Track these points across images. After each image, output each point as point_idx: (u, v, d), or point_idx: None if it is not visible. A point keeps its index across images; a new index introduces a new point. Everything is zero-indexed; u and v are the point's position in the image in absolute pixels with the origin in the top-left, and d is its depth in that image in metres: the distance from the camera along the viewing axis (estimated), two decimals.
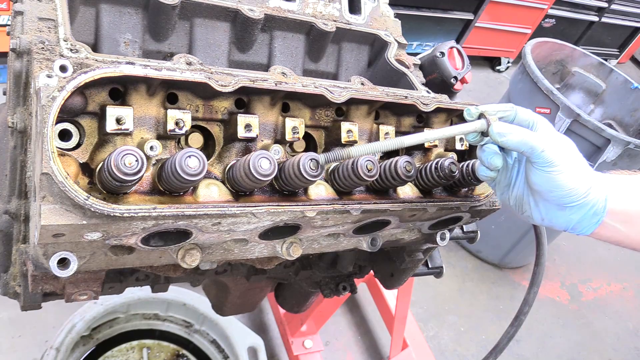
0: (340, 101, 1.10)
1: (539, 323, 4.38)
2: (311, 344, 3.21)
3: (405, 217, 1.21)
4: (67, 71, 0.87)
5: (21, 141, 1.09)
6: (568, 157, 1.03)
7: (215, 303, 2.28)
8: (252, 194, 1.03)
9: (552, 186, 1.03)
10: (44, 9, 1.08)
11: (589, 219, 1.06)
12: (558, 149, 1.02)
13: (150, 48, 1.36)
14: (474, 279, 4.52)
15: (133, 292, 2.77)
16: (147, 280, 1.55)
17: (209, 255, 1.12)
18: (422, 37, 6.25)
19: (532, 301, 1.42)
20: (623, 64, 9.63)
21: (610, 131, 3.38)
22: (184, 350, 2.98)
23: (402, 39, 1.63)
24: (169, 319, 2.97)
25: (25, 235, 1.15)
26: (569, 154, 1.04)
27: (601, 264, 5.27)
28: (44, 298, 1.34)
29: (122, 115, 0.89)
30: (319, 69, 1.59)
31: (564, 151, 1.03)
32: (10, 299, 1.30)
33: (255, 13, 1.38)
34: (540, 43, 4.20)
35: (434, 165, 1.20)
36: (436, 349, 3.82)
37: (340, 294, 1.85)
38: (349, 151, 1.01)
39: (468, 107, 1.07)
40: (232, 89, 0.97)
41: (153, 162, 0.95)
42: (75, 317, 2.59)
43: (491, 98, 6.66)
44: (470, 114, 1.07)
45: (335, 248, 1.30)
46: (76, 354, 2.65)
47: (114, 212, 0.82)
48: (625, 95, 4.41)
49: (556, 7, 7.31)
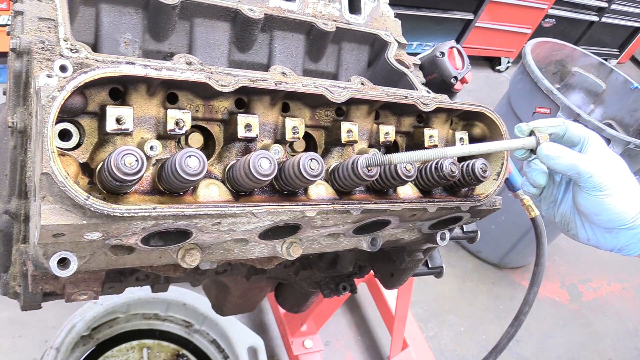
0: (340, 101, 1.09)
1: (539, 323, 4.38)
2: (311, 344, 3.21)
3: (405, 217, 1.21)
4: (67, 71, 0.87)
5: (21, 141, 1.09)
6: (617, 180, 1.00)
7: (215, 303, 2.28)
8: (252, 194, 1.03)
9: (600, 210, 1.01)
10: (44, 9, 1.08)
11: (637, 242, 1.04)
12: (607, 172, 1.00)
13: (150, 48, 1.36)
14: (474, 279, 4.52)
15: (133, 292, 2.77)
16: (147, 280, 1.55)
17: (209, 255, 1.12)
18: (422, 37, 6.25)
19: (532, 301, 1.42)
20: (623, 64, 9.63)
21: (610, 131, 3.38)
22: (184, 350, 2.98)
23: (402, 39, 1.63)
24: (169, 319, 2.97)
25: (25, 235, 1.15)
26: (618, 177, 1.01)
27: (601, 264, 5.27)
28: (44, 298, 1.34)
29: (122, 115, 0.89)
30: (319, 69, 1.59)
31: (613, 174, 1.00)
32: (10, 299, 1.30)
33: (255, 13, 1.38)
34: (540, 43, 4.20)
35: (434, 165, 1.20)
36: (436, 349, 3.82)
37: (340, 294, 1.85)
38: (391, 158, 1.01)
39: (519, 125, 1.06)
40: (232, 88, 0.97)
41: (153, 162, 0.95)
42: (75, 317, 2.59)
43: (491, 98, 6.66)
44: (521, 131, 1.06)
45: (335, 248, 1.30)
46: (76, 354, 2.65)
47: (114, 212, 0.82)
48: (625, 95, 4.41)
49: (556, 7, 7.31)
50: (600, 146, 1.06)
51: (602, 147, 1.06)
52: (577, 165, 0.99)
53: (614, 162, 1.04)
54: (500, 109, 4.23)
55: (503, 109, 4.17)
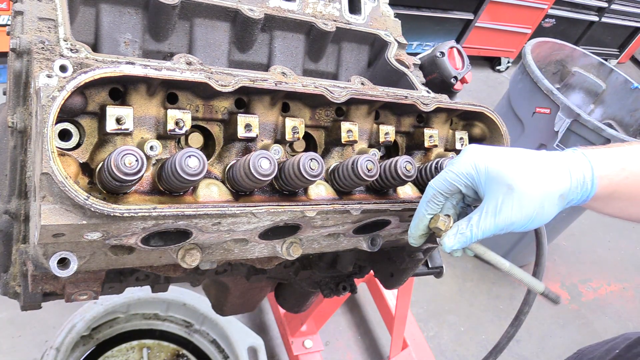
0: (340, 101, 1.09)
1: (539, 323, 4.38)
2: (311, 344, 3.21)
3: (405, 217, 1.21)
4: (67, 71, 0.87)
5: (21, 141, 1.09)
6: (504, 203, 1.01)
7: (215, 303, 2.28)
8: (252, 194, 1.03)
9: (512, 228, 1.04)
10: (44, 9, 1.08)
11: None
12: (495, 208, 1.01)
13: (150, 48, 1.36)
14: (474, 279, 4.52)
15: (133, 292, 2.77)
16: (147, 280, 1.55)
17: (209, 255, 1.12)
18: (422, 37, 6.25)
19: (532, 301, 1.42)
20: (623, 64, 9.62)
21: (610, 131, 3.38)
22: (184, 350, 2.98)
23: (402, 39, 1.63)
24: (169, 319, 2.97)
25: (25, 235, 1.15)
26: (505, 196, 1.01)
27: (601, 264, 5.27)
28: (44, 298, 1.34)
29: (122, 115, 0.89)
30: (319, 68, 1.59)
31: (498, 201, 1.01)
32: (10, 299, 1.30)
33: (255, 13, 1.38)
34: (540, 43, 4.20)
35: (434, 165, 1.20)
36: (436, 349, 3.82)
37: (340, 294, 1.84)
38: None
39: (412, 236, 1.14)
40: (232, 88, 0.97)
41: (153, 162, 0.95)
42: (75, 317, 2.59)
43: (491, 98, 6.66)
44: (418, 231, 1.14)
45: (335, 248, 1.30)
46: (76, 354, 2.65)
47: (114, 212, 0.82)
48: (625, 95, 4.41)
49: (556, 7, 7.31)
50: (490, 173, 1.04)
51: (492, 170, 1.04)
52: (497, 228, 1.02)
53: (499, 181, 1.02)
54: (500, 109, 4.23)
55: (503, 109, 4.17)
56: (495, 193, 1.01)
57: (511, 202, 1.00)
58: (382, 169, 1.11)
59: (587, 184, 1.05)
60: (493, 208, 1.01)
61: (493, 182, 1.02)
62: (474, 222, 1.03)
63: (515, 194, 0.99)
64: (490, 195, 1.02)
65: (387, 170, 1.11)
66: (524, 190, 0.99)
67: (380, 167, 1.11)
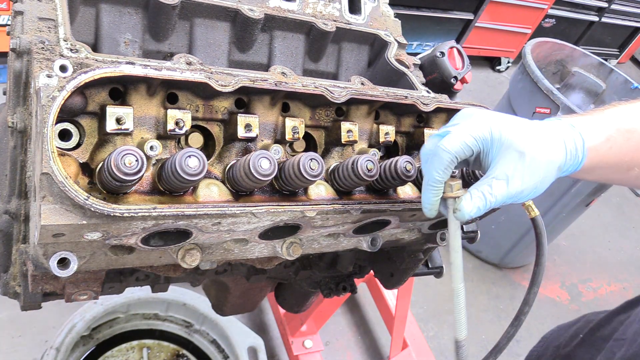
0: (340, 101, 1.10)
1: (539, 323, 4.38)
2: (311, 344, 3.21)
3: (405, 217, 1.21)
4: (67, 71, 0.87)
5: (21, 141, 1.09)
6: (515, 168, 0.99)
7: (215, 303, 2.28)
8: (252, 194, 1.03)
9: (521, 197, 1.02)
10: (44, 9, 1.08)
11: None
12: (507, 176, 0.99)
13: (150, 48, 1.36)
14: (474, 279, 4.52)
15: (133, 292, 2.77)
16: (147, 280, 1.55)
17: (209, 255, 1.12)
18: (422, 37, 6.25)
19: (532, 301, 1.42)
20: (623, 64, 9.63)
21: None
22: (184, 350, 2.98)
23: (402, 39, 1.63)
24: (169, 319, 2.97)
25: (25, 235, 1.15)
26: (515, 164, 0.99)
27: (601, 264, 5.27)
28: (44, 298, 1.34)
29: (122, 115, 0.89)
30: (319, 68, 1.59)
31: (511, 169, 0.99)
32: (10, 299, 1.30)
33: (255, 13, 1.38)
34: (540, 43, 4.20)
35: None
36: (436, 349, 3.82)
37: (340, 294, 1.84)
38: None
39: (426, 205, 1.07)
40: (232, 88, 0.97)
41: (153, 162, 0.95)
42: (75, 317, 2.59)
43: (491, 98, 6.66)
44: (432, 204, 1.06)
45: (335, 248, 1.30)
46: (76, 354, 2.65)
47: (114, 212, 0.82)
48: (625, 95, 4.41)
49: (556, 7, 7.31)
50: (503, 134, 1.02)
51: (505, 132, 1.02)
52: (508, 196, 0.99)
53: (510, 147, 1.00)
54: (500, 109, 4.23)
55: (503, 109, 4.17)
56: (507, 159, 0.99)
57: (522, 168, 0.99)
58: (382, 169, 1.11)
59: (579, 156, 1.05)
60: (505, 174, 0.99)
61: (504, 148, 1.00)
62: (487, 189, 1.00)
63: (526, 161, 0.99)
64: (502, 161, 1.00)
65: (387, 170, 1.11)
66: (534, 157, 0.99)
67: (380, 167, 1.11)
